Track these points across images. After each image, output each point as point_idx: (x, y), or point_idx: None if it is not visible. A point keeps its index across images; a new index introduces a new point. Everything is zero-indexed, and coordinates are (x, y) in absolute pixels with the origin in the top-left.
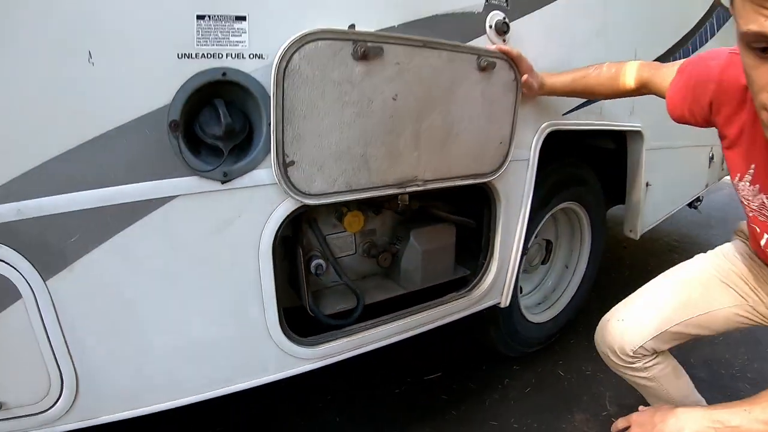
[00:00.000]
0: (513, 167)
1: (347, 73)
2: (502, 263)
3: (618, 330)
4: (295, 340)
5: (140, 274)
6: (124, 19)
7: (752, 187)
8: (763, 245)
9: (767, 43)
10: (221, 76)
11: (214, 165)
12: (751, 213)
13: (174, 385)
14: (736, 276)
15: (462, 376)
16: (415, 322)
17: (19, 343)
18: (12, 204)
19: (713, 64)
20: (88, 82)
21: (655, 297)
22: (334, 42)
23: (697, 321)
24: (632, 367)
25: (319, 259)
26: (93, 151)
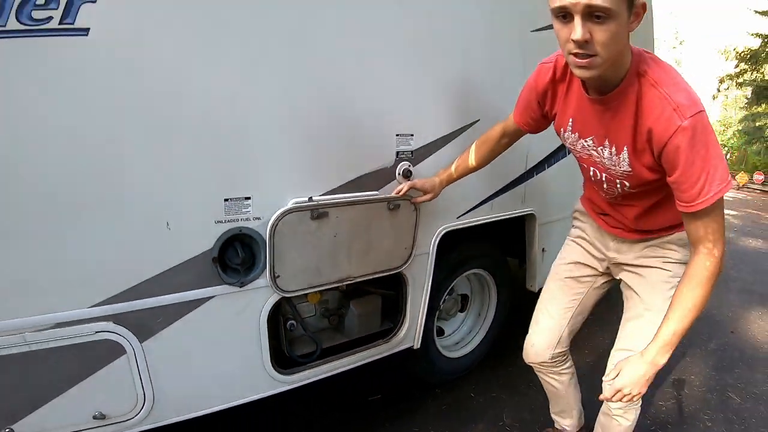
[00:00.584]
0: (417, 260)
1: (307, 227)
2: (413, 320)
3: (534, 351)
4: (278, 370)
5: (195, 338)
6: (182, 202)
7: (574, 134)
8: (591, 176)
9: (564, 13)
10: (239, 231)
11: (236, 279)
12: (578, 155)
13: (207, 399)
14: (583, 249)
15: (396, 398)
16: (355, 359)
17: (121, 379)
18: (124, 303)
19: (529, 80)
20: (169, 237)
21: (544, 316)
22: (299, 212)
23: (578, 311)
24: (554, 370)
25: (292, 320)
26: (175, 273)
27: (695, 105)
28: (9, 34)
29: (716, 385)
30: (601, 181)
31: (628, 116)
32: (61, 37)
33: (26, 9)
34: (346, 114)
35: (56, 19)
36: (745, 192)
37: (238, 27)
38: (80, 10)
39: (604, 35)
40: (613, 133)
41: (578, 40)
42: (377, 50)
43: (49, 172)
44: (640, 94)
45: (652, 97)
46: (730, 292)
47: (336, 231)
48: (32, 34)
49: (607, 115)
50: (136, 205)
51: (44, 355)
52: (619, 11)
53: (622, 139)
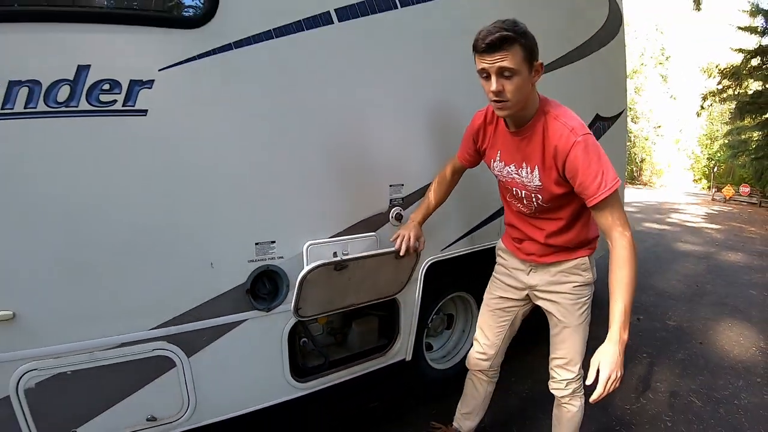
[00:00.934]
0: (408, 287)
1: (329, 276)
2: (404, 336)
3: (475, 363)
4: (295, 379)
5: (231, 353)
6: (223, 247)
7: (501, 162)
8: (515, 194)
9: (485, 74)
10: (266, 268)
11: (264, 305)
12: (504, 179)
13: (238, 403)
14: (506, 285)
15: (393, 404)
16: (357, 369)
17: (171, 387)
18: (176, 326)
19: (468, 126)
20: (213, 274)
21: (482, 338)
22: (325, 267)
23: (509, 332)
24: (485, 379)
25: (305, 338)
26: (216, 302)
27: (584, 128)
28: (80, 113)
29: (680, 390)
30: (521, 198)
31: (538, 141)
32: (124, 117)
33: (95, 93)
34: (348, 170)
35: (120, 102)
36: (731, 205)
37: (263, 113)
38: (140, 94)
39: (511, 87)
40: (527, 156)
41: (494, 91)
42: (373, 116)
43: (120, 225)
44: (546, 125)
45: (555, 125)
46: (702, 305)
47: (351, 275)
48: (100, 114)
49: (523, 143)
50: (187, 250)
51: (109, 369)
52: (521, 70)
53: (534, 160)
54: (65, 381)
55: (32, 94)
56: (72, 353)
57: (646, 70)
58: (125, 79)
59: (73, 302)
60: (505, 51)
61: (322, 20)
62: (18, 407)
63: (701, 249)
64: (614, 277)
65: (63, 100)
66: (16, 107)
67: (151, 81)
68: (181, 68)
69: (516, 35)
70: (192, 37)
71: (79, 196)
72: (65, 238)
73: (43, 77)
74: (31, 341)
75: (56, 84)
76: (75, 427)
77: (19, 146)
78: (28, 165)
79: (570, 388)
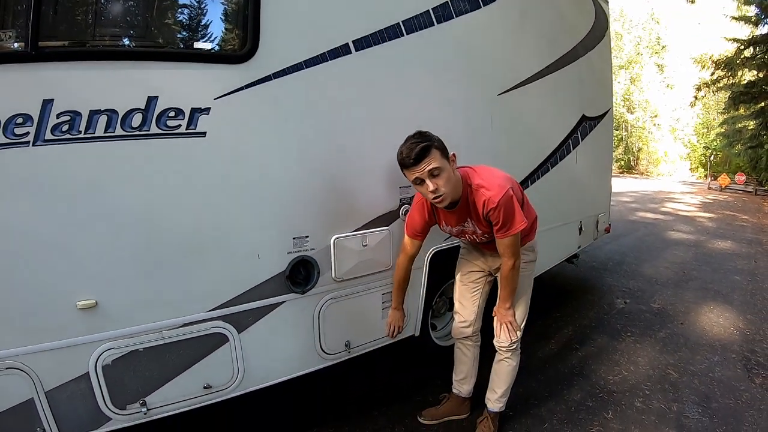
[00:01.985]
0: (415, 273)
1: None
2: (412, 315)
3: (460, 331)
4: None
5: (273, 329)
6: (267, 241)
7: (448, 226)
8: (467, 237)
9: (419, 180)
10: (302, 258)
11: (300, 289)
12: (455, 233)
13: (279, 371)
14: (472, 263)
15: (404, 377)
16: (376, 343)
17: (224, 359)
18: (229, 308)
19: (415, 214)
20: (259, 264)
21: (461, 308)
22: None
23: (482, 300)
24: (470, 343)
25: None
26: (262, 287)
27: (500, 191)
28: (151, 136)
29: (659, 364)
30: (472, 237)
31: (470, 209)
32: (187, 138)
33: (163, 119)
34: (366, 176)
35: (183, 126)
36: (727, 193)
37: (297, 131)
38: (199, 119)
39: (442, 182)
40: (468, 216)
41: (432, 190)
42: (386, 131)
43: (185, 226)
44: (471, 197)
45: (477, 197)
46: (687, 290)
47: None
48: (167, 136)
49: (461, 212)
50: (239, 245)
51: (174, 346)
52: (444, 167)
53: (472, 218)
54: (137, 357)
55: (110, 121)
56: (143, 333)
57: (642, 59)
58: (187, 107)
59: (146, 291)
60: (429, 157)
61: (342, 51)
62: (95, 381)
63: (692, 237)
64: (500, 284)
65: (137, 125)
66: (97, 132)
67: (208, 108)
68: (232, 97)
69: (430, 142)
70: (239, 71)
71: (151, 203)
72: (140, 238)
73: (120, 107)
74: (110, 324)
75: (131, 112)
76: (144, 396)
77: (101, 164)
78: (110, 179)
79: (513, 345)
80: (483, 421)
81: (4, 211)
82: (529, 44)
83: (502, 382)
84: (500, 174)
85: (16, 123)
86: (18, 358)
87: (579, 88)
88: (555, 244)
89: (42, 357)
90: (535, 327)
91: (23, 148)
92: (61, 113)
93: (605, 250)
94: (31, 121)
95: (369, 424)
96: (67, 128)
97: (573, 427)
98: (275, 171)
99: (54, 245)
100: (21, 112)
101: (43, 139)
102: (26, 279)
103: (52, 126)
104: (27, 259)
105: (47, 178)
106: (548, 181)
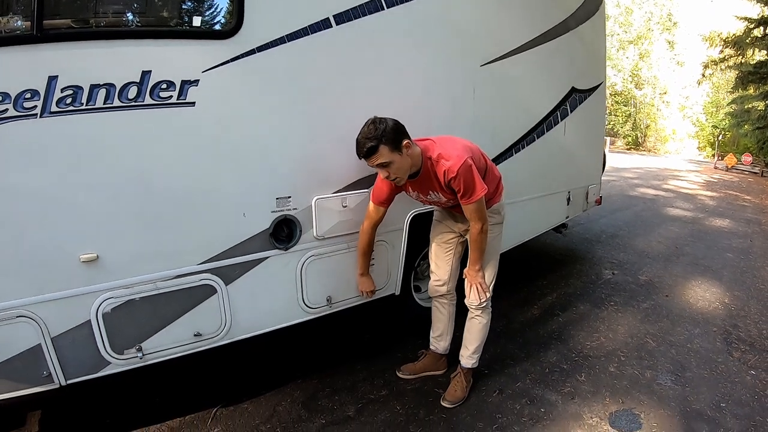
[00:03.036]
0: (395, 234)
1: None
2: (392, 274)
3: (435, 289)
4: (308, 304)
5: (258, 282)
6: (253, 201)
7: (415, 193)
8: (432, 202)
9: (379, 168)
10: (284, 217)
11: (283, 245)
12: (421, 199)
13: (263, 322)
14: (444, 224)
15: (386, 335)
16: (356, 299)
17: (213, 309)
18: (218, 261)
19: (378, 179)
20: (245, 222)
21: (436, 267)
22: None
23: (455, 260)
24: (445, 301)
25: None
26: (247, 243)
27: (458, 161)
28: (146, 106)
29: (638, 333)
30: (437, 203)
31: (432, 178)
32: (178, 108)
33: (156, 90)
34: (347, 139)
35: (174, 96)
36: (733, 173)
37: (279, 99)
38: (189, 90)
39: (393, 170)
40: (430, 186)
41: (385, 177)
42: (365, 97)
43: (177, 187)
44: (432, 168)
45: (438, 168)
46: (677, 264)
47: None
48: (160, 106)
49: (424, 182)
50: (226, 204)
51: (167, 296)
52: (392, 158)
53: (434, 187)
54: (134, 306)
55: (109, 93)
56: (140, 284)
57: (653, 35)
58: (178, 80)
59: (142, 245)
60: (375, 155)
61: (324, 25)
62: (96, 328)
63: (690, 214)
64: (470, 247)
65: (132, 97)
66: (97, 104)
67: (197, 80)
68: (218, 69)
69: (377, 141)
70: (225, 45)
71: (146, 167)
72: (136, 198)
73: (117, 81)
74: (109, 276)
75: (127, 85)
76: (140, 342)
77: (101, 132)
78: (109, 145)
79: (483, 304)
80: (456, 376)
81: (16, 176)
82: (515, 17)
83: (474, 339)
84: (460, 144)
85: (24, 98)
86: (27, 308)
87: (569, 60)
88: (541, 213)
89: (48, 306)
90: (520, 293)
91: (32, 120)
92: (65, 87)
93: (600, 223)
94: (38, 96)
95: (351, 377)
96: (70, 101)
97: (545, 386)
98: (259, 136)
99: (59, 205)
100: (29, 87)
101: (49, 111)
102: (35, 236)
103: (57, 99)
104: (35, 218)
105: (53, 145)
106: (534, 150)
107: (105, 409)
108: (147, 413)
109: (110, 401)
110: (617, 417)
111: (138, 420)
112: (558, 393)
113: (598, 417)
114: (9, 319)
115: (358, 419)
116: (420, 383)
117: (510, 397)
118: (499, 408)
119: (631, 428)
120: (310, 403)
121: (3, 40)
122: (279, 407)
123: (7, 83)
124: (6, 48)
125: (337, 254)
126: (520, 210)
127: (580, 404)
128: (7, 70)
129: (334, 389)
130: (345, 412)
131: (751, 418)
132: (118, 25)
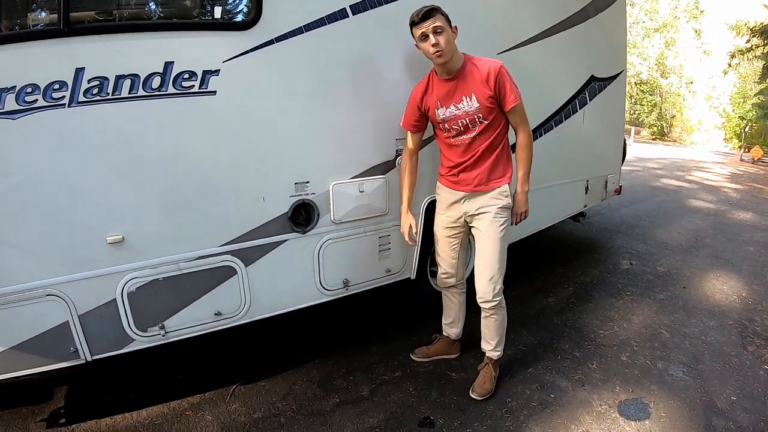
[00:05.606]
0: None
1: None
2: (408, 258)
3: (443, 282)
4: (325, 286)
5: (276, 264)
6: (272, 185)
7: (443, 107)
8: (461, 125)
9: (424, 36)
10: (302, 201)
11: (301, 229)
12: (449, 121)
13: (282, 303)
14: (447, 216)
15: (402, 319)
16: (374, 282)
17: (233, 290)
18: (238, 244)
19: (409, 99)
20: (265, 205)
21: (443, 261)
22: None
23: (462, 252)
24: (455, 291)
25: None
26: (266, 226)
27: (500, 62)
28: (169, 95)
29: (652, 323)
30: (466, 125)
31: (473, 76)
32: (200, 96)
33: (179, 80)
34: (364, 127)
35: (196, 86)
36: (759, 166)
37: (298, 87)
38: (210, 80)
39: (443, 39)
40: (465, 90)
41: (434, 43)
42: (382, 85)
43: (200, 172)
44: (473, 65)
45: (480, 62)
46: (696, 256)
47: None
48: (182, 95)
49: (459, 84)
50: (247, 188)
51: (190, 276)
52: (446, 28)
53: (470, 89)
54: (157, 285)
55: (134, 83)
56: (163, 264)
57: (679, 24)
58: (200, 70)
59: (165, 228)
60: (434, 17)
61: (340, 15)
62: (121, 306)
63: (712, 206)
64: (519, 155)
65: (156, 87)
66: (122, 93)
67: (218, 70)
68: (238, 59)
69: (436, 8)
70: (244, 36)
71: (170, 153)
72: (160, 183)
73: (141, 71)
74: (135, 257)
75: (151, 76)
76: (162, 320)
77: (126, 120)
78: (134, 132)
79: (495, 300)
80: (485, 367)
81: (46, 163)
82: (532, 5)
83: (493, 335)
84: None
85: (53, 89)
86: (56, 287)
87: (588, 48)
88: (559, 201)
89: (76, 285)
90: (536, 281)
91: (60, 109)
92: (91, 79)
93: (621, 213)
94: (66, 87)
95: (366, 358)
96: (96, 91)
97: (556, 373)
98: (278, 123)
99: (87, 190)
100: (57, 79)
101: (76, 101)
102: (64, 218)
103: (84, 90)
104: (65, 202)
105: (81, 133)
106: (552, 138)
107: (128, 386)
108: (169, 390)
109: (133, 378)
110: (626, 405)
111: (160, 396)
112: (569, 380)
113: (608, 405)
114: (38, 297)
115: (371, 399)
116: (433, 366)
117: (520, 382)
118: (510, 392)
119: (639, 417)
120: (326, 382)
121: (32, 35)
122: (295, 386)
123: (36, 75)
124: (35, 42)
125: (353, 238)
126: (538, 197)
127: (590, 391)
128: (37, 62)
129: (349, 370)
130: (359, 391)
131: (762, 413)
132: (141, 18)
